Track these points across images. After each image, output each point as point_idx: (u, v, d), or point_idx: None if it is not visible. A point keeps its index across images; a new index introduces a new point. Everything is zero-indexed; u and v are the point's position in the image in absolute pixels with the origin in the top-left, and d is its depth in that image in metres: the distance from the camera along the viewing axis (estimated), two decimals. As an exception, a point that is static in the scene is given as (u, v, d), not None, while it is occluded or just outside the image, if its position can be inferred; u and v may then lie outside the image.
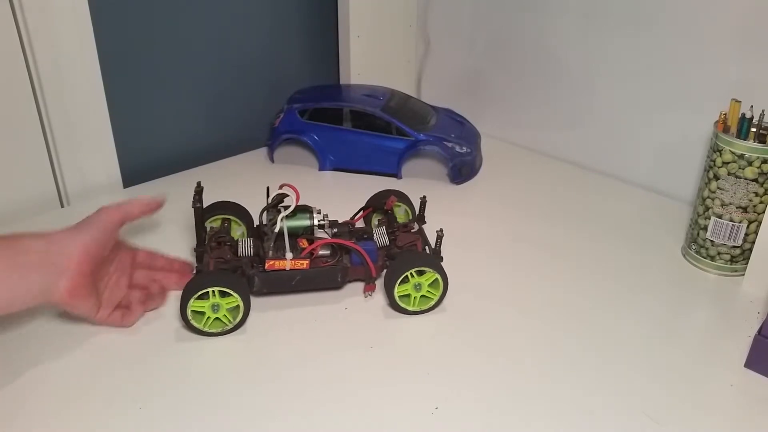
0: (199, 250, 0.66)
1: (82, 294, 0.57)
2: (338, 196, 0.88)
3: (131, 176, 0.91)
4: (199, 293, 0.60)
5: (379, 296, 0.67)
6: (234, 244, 0.67)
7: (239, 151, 1.01)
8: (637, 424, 0.53)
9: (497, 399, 0.55)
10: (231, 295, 0.60)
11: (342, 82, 1.08)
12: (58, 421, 0.52)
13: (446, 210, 0.85)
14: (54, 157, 0.83)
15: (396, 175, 0.94)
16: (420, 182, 0.92)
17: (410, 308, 0.65)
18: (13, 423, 0.52)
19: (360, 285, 0.68)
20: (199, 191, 0.67)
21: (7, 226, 0.78)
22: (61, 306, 0.58)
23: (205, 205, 0.68)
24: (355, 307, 0.66)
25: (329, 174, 0.95)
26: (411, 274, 0.63)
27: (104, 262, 0.61)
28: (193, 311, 0.60)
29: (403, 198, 0.76)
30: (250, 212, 0.72)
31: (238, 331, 0.62)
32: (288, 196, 0.65)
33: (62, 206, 0.86)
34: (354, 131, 0.93)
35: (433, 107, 1.00)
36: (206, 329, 0.61)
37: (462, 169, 0.93)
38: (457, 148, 0.92)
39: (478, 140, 0.98)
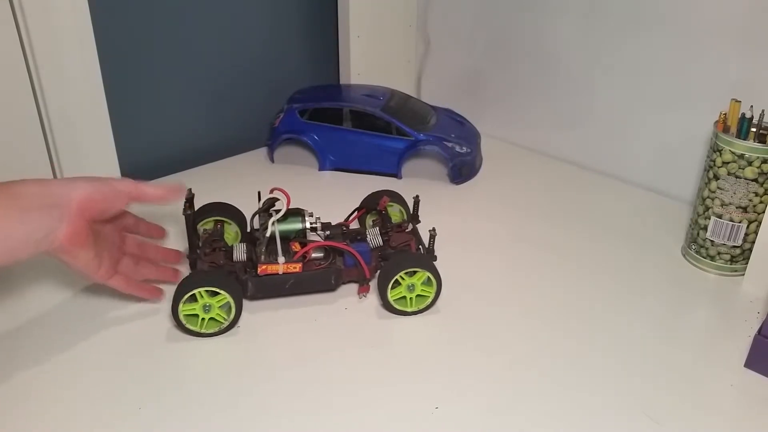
0: (192, 257, 0.66)
1: (81, 242, 0.55)
2: (338, 196, 0.88)
3: (131, 176, 0.91)
4: (187, 296, 0.60)
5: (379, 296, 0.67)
6: (228, 249, 0.67)
7: (239, 151, 1.01)
8: (637, 424, 0.53)
9: (497, 399, 0.55)
10: (219, 293, 0.60)
11: (342, 82, 1.08)
12: (58, 421, 0.52)
13: (446, 210, 0.85)
14: (54, 157, 0.83)
15: (396, 175, 0.94)
16: (420, 182, 0.92)
17: (408, 309, 0.65)
18: (13, 424, 0.52)
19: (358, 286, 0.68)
20: (189, 198, 0.66)
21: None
22: (61, 255, 0.55)
23: (196, 207, 0.68)
24: (355, 307, 0.66)
25: (329, 174, 0.95)
26: (401, 276, 0.63)
27: (105, 223, 0.60)
28: (186, 315, 0.60)
29: (396, 198, 0.76)
30: (249, 213, 0.72)
31: (237, 331, 0.62)
32: (279, 200, 0.65)
33: (62, 206, 0.86)
34: (354, 131, 0.93)
35: (433, 107, 1.00)
36: (203, 330, 0.61)
37: (462, 169, 0.93)
38: (457, 148, 0.92)
39: (478, 140, 0.98)
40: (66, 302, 0.66)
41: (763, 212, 0.68)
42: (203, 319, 0.61)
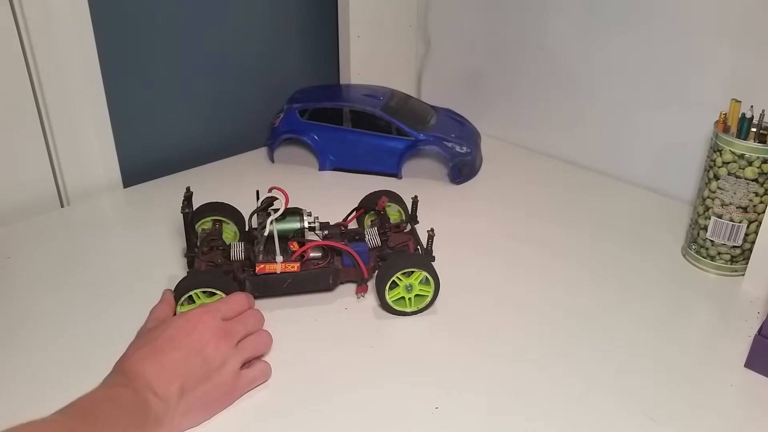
0: (190, 255, 0.66)
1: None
2: (338, 197, 0.87)
3: (131, 176, 0.91)
4: (185, 298, 0.60)
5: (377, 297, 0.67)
6: (226, 248, 0.67)
7: (239, 151, 1.01)
8: (637, 424, 0.53)
9: (497, 399, 0.55)
10: (216, 294, 0.60)
11: (342, 82, 1.08)
12: (57, 421, 0.52)
13: (446, 210, 0.85)
14: (54, 157, 0.83)
15: (396, 175, 0.94)
16: (420, 182, 0.92)
17: (407, 309, 0.65)
18: (14, 424, 0.52)
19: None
20: (188, 196, 0.66)
21: (7, 226, 0.79)
22: None
23: (195, 207, 0.68)
24: (355, 307, 0.66)
25: (329, 174, 0.95)
26: (398, 277, 0.63)
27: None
28: None
29: (395, 198, 0.76)
30: (249, 213, 0.72)
31: (237, 331, 0.62)
32: (277, 199, 0.65)
33: (62, 206, 0.86)
34: (354, 131, 0.93)
35: (433, 107, 1.00)
36: (204, 330, 0.61)
37: (462, 169, 0.93)
38: (457, 148, 0.92)
39: (478, 140, 0.98)
40: (66, 302, 0.66)
41: (764, 212, 0.68)
42: (203, 319, 0.61)
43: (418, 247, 0.70)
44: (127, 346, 0.57)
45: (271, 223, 0.63)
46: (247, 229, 0.70)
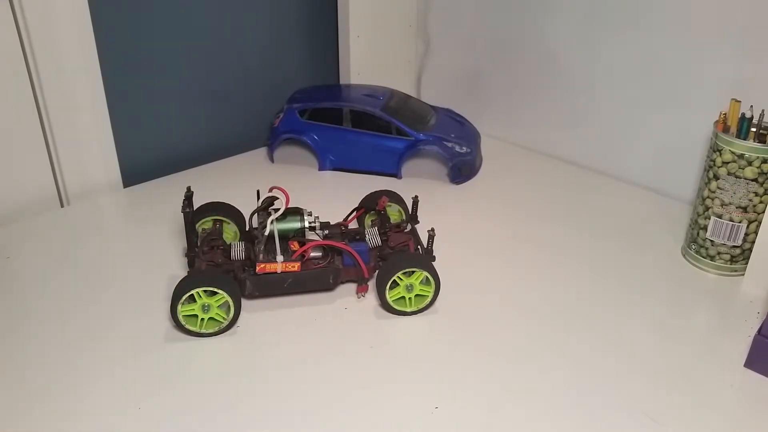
0: (191, 255, 0.66)
1: None
2: (338, 196, 0.88)
3: (131, 176, 0.92)
4: (185, 297, 0.60)
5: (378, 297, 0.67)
6: (226, 248, 0.67)
7: (239, 151, 1.01)
8: (637, 424, 0.53)
9: (497, 399, 0.55)
10: (217, 293, 0.60)
11: (342, 82, 1.08)
12: (58, 420, 0.52)
13: (446, 210, 0.85)
14: (54, 157, 0.83)
15: (396, 175, 0.94)
16: (420, 182, 0.92)
17: (408, 309, 0.65)
18: (13, 423, 0.52)
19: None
20: (188, 196, 0.66)
21: (7, 226, 0.79)
22: None
23: (195, 207, 0.68)
24: (355, 307, 0.66)
25: (329, 174, 0.95)
26: (399, 277, 0.63)
27: None
28: (185, 316, 0.60)
29: (396, 198, 0.76)
30: (249, 213, 0.72)
31: (236, 331, 0.62)
32: (278, 198, 0.65)
33: (62, 206, 0.86)
34: (354, 131, 0.93)
35: (433, 107, 1.00)
36: (203, 330, 0.61)
37: (462, 169, 0.93)
38: (457, 148, 0.92)
39: (478, 140, 0.98)
40: (66, 302, 0.66)
41: (763, 212, 0.68)
42: (202, 319, 0.61)
43: (419, 247, 0.70)
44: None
45: (272, 222, 0.63)
46: (247, 228, 0.70)
